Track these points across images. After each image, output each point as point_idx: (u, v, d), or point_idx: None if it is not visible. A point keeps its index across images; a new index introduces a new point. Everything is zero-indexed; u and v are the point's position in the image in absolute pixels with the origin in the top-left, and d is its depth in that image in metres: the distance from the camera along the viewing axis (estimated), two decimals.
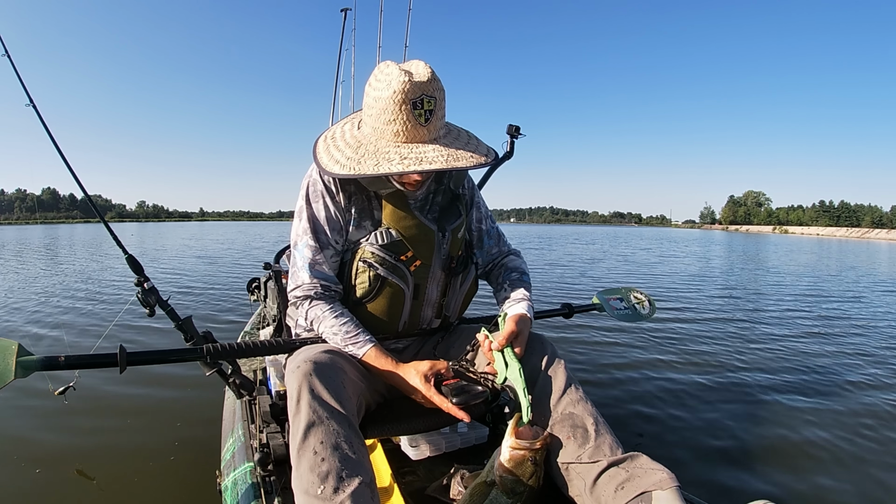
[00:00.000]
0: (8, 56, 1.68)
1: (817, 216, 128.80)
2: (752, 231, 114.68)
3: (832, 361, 3.99)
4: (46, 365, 1.07)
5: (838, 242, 43.62)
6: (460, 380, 1.15)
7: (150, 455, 2.22)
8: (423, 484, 1.27)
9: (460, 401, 1.08)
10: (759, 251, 22.69)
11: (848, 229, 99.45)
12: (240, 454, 1.45)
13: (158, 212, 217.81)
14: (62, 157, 1.69)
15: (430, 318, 1.34)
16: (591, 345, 4.29)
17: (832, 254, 22.27)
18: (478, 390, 1.12)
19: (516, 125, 1.92)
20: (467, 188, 1.41)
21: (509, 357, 1.12)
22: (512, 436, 1.00)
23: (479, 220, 1.44)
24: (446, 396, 1.09)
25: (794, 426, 2.68)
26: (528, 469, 0.99)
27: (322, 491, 0.90)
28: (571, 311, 1.96)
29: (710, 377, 3.50)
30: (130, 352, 1.15)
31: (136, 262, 1.62)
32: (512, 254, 1.49)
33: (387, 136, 1.08)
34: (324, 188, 1.21)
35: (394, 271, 1.21)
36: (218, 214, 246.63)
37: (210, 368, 1.44)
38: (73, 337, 4.51)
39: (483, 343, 1.17)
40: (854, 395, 3.17)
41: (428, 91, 1.05)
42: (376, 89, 1.07)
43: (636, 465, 0.99)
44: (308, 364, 1.03)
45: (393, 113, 1.05)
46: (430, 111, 1.06)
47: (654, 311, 2.15)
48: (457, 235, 1.30)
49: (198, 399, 2.84)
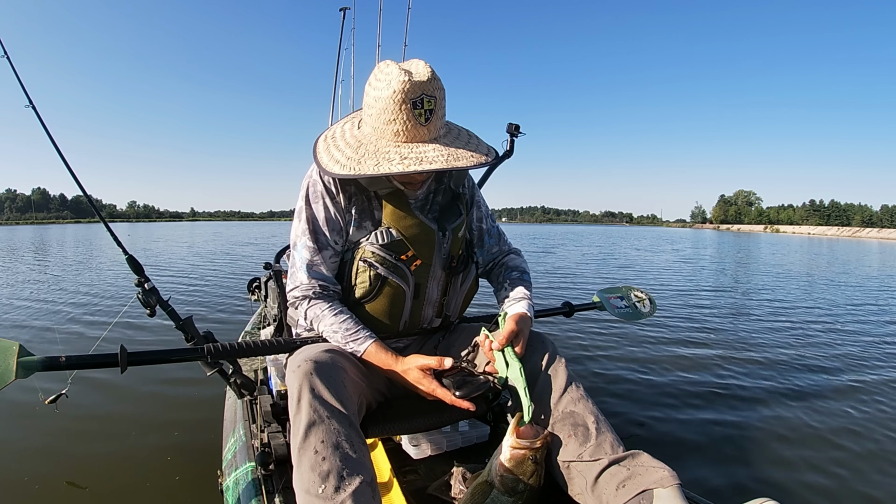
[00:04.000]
0: (7, 57, 1.67)
1: (807, 215, 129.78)
2: (744, 230, 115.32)
3: (833, 361, 4.01)
4: (47, 365, 1.06)
5: (829, 241, 43.94)
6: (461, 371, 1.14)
7: (151, 455, 2.22)
8: (424, 483, 1.28)
9: (464, 393, 1.07)
10: (756, 251, 22.78)
11: (839, 228, 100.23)
12: (241, 454, 1.45)
13: (149, 212, 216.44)
14: (62, 157, 1.67)
15: (430, 318, 1.34)
16: (592, 343, 4.31)
17: (832, 253, 22.39)
18: (480, 381, 1.11)
19: (516, 124, 1.91)
20: (468, 187, 1.41)
21: (510, 356, 1.12)
22: (513, 435, 1.00)
23: (480, 218, 1.44)
24: (449, 389, 1.09)
25: (796, 425, 2.70)
26: (529, 468, 0.99)
27: (323, 490, 0.90)
28: (572, 310, 1.97)
29: (712, 376, 3.52)
30: (131, 352, 1.14)
31: (137, 262, 1.61)
32: (512, 252, 1.49)
33: (387, 136, 1.09)
34: (324, 189, 1.21)
35: (394, 271, 1.21)
36: (209, 214, 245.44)
37: (211, 368, 1.44)
38: (72, 337, 4.48)
39: (483, 343, 1.17)
40: (855, 395, 3.20)
41: (428, 90, 1.05)
42: (376, 89, 1.07)
43: (637, 463, 0.99)
44: (309, 363, 1.03)
45: (393, 113, 1.05)
46: (430, 111, 1.06)
47: (655, 309, 2.15)
48: (457, 234, 1.30)
49: (199, 399, 2.84)
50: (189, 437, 2.40)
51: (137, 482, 2.03)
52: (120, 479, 2.06)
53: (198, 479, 1.96)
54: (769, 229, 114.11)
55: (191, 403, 2.82)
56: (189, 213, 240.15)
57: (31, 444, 2.36)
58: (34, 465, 2.16)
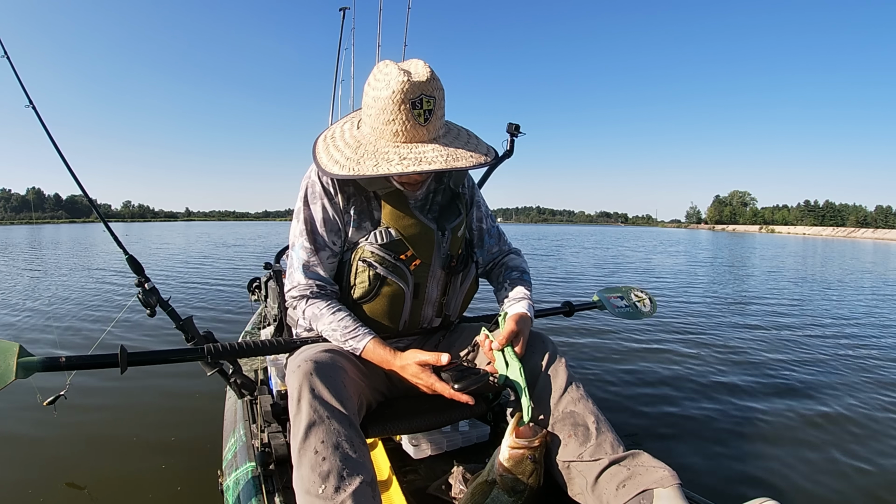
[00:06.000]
0: (7, 57, 1.66)
1: (802, 216, 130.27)
2: (739, 230, 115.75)
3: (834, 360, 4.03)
4: (47, 366, 1.06)
5: (824, 242, 44.13)
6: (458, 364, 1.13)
7: (151, 455, 2.22)
8: (424, 483, 1.28)
9: (462, 386, 1.06)
10: (754, 251, 22.83)
11: (834, 229, 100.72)
12: (241, 454, 1.45)
13: (144, 212, 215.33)
14: (62, 158, 1.67)
15: (430, 318, 1.34)
16: (592, 343, 4.32)
17: (829, 254, 22.49)
18: (479, 373, 1.10)
19: (516, 124, 1.91)
20: (467, 187, 1.41)
21: (510, 356, 1.12)
22: (511, 435, 1.01)
23: (480, 218, 1.44)
24: (447, 383, 1.08)
25: (797, 425, 2.71)
26: (528, 467, 1.00)
27: (323, 490, 0.90)
28: (572, 310, 1.97)
29: (712, 375, 3.53)
30: (131, 352, 1.14)
31: (137, 262, 1.60)
32: (512, 252, 1.49)
33: (386, 136, 1.08)
34: (322, 190, 1.21)
35: (393, 271, 1.20)
36: (204, 214, 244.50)
37: (211, 368, 1.44)
38: (72, 338, 4.46)
39: (483, 343, 1.17)
40: (856, 394, 3.21)
41: (427, 91, 1.04)
42: (375, 89, 1.07)
43: (637, 463, 0.99)
44: (308, 363, 1.03)
45: (392, 113, 1.05)
46: (429, 111, 1.06)
47: (656, 308, 2.15)
48: (457, 234, 1.30)
49: (199, 399, 2.84)
50: (189, 437, 2.40)
51: (138, 482, 2.02)
52: (120, 479, 2.06)
53: (198, 479, 1.96)
54: (764, 230, 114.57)
55: (191, 404, 2.81)
56: (184, 213, 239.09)
57: (31, 444, 2.36)
58: (34, 465, 2.16)
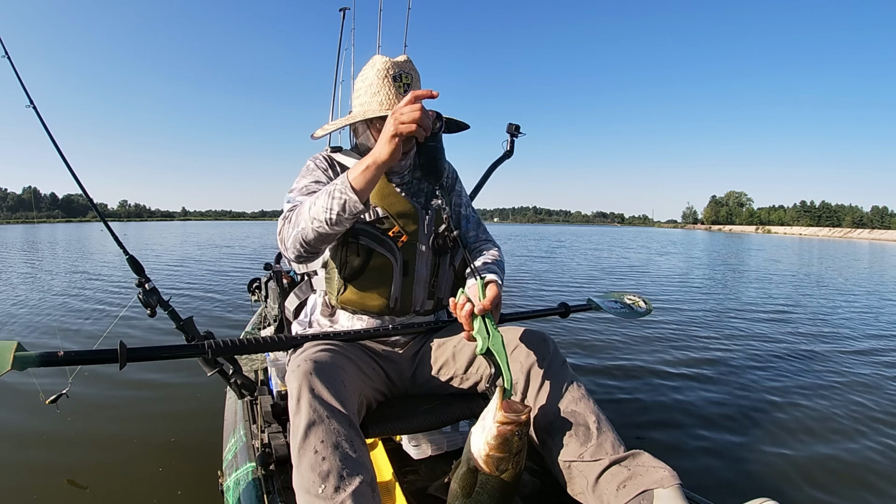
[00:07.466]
0: (8, 57, 1.65)
1: (798, 216, 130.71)
2: (735, 231, 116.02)
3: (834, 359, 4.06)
4: (45, 360, 1.03)
5: (820, 242, 44.27)
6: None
7: (151, 456, 2.22)
8: (424, 483, 1.27)
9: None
10: (752, 252, 22.89)
11: (830, 229, 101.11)
12: (241, 454, 1.45)
13: (140, 211, 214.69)
14: (63, 158, 1.66)
15: (422, 300, 1.36)
16: (592, 344, 4.33)
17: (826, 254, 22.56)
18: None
19: (516, 124, 1.91)
20: (449, 177, 1.46)
21: (490, 326, 1.04)
22: (501, 410, 0.93)
23: (459, 204, 1.47)
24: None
25: (797, 426, 2.72)
26: (516, 444, 0.93)
27: (323, 490, 0.90)
28: (568, 311, 1.97)
29: (712, 375, 3.55)
30: (130, 347, 1.12)
31: (137, 262, 1.60)
32: (490, 242, 1.46)
33: (373, 107, 1.27)
34: (316, 165, 1.34)
35: (381, 244, 1.26)
36: (200, 214, 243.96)
37: (211, 368, 1.43)
38: (72, 338, 4.44)
39: (462, 306, 1.06)
40: (856, 394, 3.22)
41: (405, 69, 1.28)
42: (363, 74, 1.30)
43: (638, 463, 1.00)
44: (308, 363, 1.04)
45: (377, 86, 1.26)
46: (408, 84, 1.27)
47: (651, 309, 2.15)
48: (441, 214, 1.31)
49: (199, 400, 2.85)
50: (189, 437, 2.40)
51: (138, 482, 2.02)
52: (120, 478, 2.06)
53: (198, 480, 1.96)
54: (760, 230, 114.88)
55: (191, 404, 2.82)
56: (180, 213, 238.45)
57: (33, 443, 2.36)
58: (36, 464, 2.16)
